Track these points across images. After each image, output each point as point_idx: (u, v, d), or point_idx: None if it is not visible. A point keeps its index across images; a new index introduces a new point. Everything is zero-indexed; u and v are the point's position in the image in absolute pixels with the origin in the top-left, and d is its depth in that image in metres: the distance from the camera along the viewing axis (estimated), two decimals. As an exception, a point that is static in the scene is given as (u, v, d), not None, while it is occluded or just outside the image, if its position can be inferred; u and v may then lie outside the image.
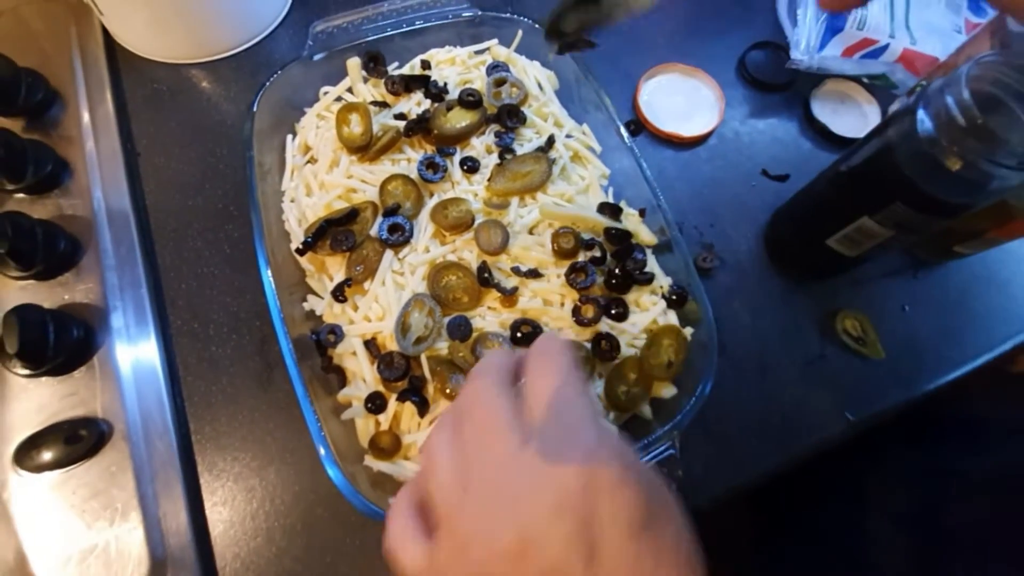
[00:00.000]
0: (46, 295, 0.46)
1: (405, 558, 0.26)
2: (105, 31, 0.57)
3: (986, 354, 0.50)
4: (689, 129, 0.56)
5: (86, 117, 0.52)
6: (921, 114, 0.35)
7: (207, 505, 0.42)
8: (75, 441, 0.41)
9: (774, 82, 0.59)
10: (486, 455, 0.25)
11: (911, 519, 0.48)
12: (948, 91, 0.33)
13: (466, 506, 0.24)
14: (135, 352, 0.45)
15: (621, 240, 0.43)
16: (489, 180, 0.45)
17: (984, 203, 0.37)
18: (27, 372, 0.43)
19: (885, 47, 0.56)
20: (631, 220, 0.46)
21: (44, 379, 0.43)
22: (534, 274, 0.42)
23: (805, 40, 0.57)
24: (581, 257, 0.43)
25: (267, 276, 0.40)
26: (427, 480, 0.26)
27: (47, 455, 0.41)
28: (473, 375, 0.28)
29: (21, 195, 0.49)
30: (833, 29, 0.58)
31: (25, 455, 0.41)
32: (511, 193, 0.45)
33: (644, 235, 0.46)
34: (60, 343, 0.42)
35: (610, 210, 0.45)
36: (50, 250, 0.46)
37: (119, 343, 0.45)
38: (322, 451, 0.36)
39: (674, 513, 0.24)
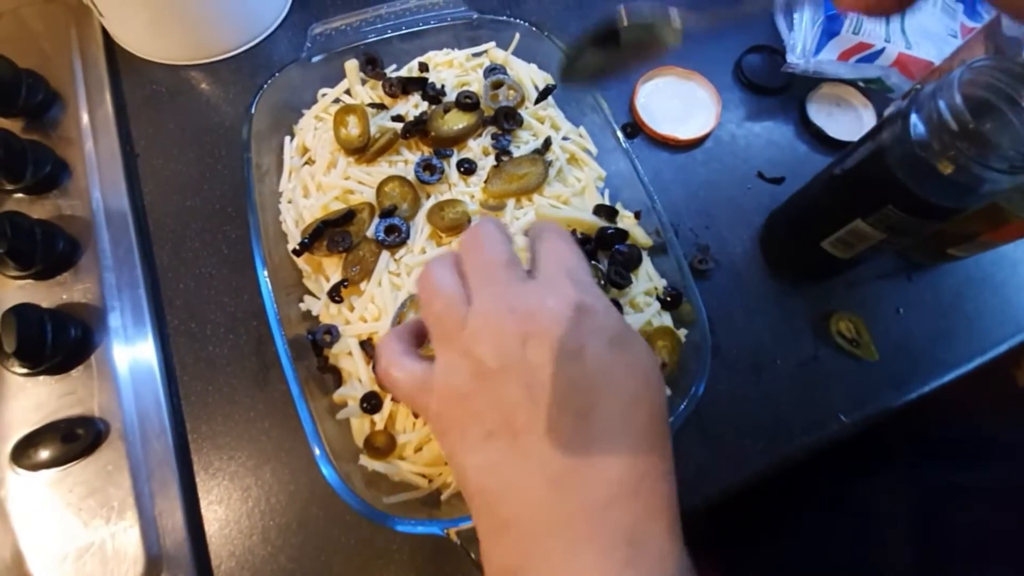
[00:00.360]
0: (44, 295, 0.46)
1: (400, 374, 0.29)
2: (105, 33, 0.57)
3: (980, 357, 0.50)
4: (685, 132, 0.56)
5: (85, 118, 0.53)
6: (913, 118, 0.35)
7: (203, 504, 0.42)
8: (72, 440, 0.41)
9: (770, 85, 0.59)
10: (491, 281, 0.27)
11: (911, 521, 0.48)
12: (940, 95, 0.33)
13: (472, 316, 0.26)
14: (132, 352, 0.45)
15: (613, 242, 0.44)
16: (486, 182, 0.46)
17: (975, 206, 0.38)
18: (25, 371, 0.43)
19: (881, 51, 0.56)
20: (626, 222, 0.46)
21: (42, 378, 0.44)
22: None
23: (801, 44, 0.57)
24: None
25: (264, 277, 0.40)
26: (429, 301, 0.28)
27: (44, 453, 0.41)
28: (472, 229, 0.30)
29: (20, 195, 0.49)
30: (829, 33, 0.58)
31: (22, 453, 0.41)
32: (507, 195, 0.45)
33: (639, 237, 0.46)
34: (58, 342, 0.43)
35: (606, 212, 0.45)
36: (49, 250, 0.46)
37: (116, 343, 0.45)
38: (317, 451, 0.36)
39: (643, 351, 0.27)
